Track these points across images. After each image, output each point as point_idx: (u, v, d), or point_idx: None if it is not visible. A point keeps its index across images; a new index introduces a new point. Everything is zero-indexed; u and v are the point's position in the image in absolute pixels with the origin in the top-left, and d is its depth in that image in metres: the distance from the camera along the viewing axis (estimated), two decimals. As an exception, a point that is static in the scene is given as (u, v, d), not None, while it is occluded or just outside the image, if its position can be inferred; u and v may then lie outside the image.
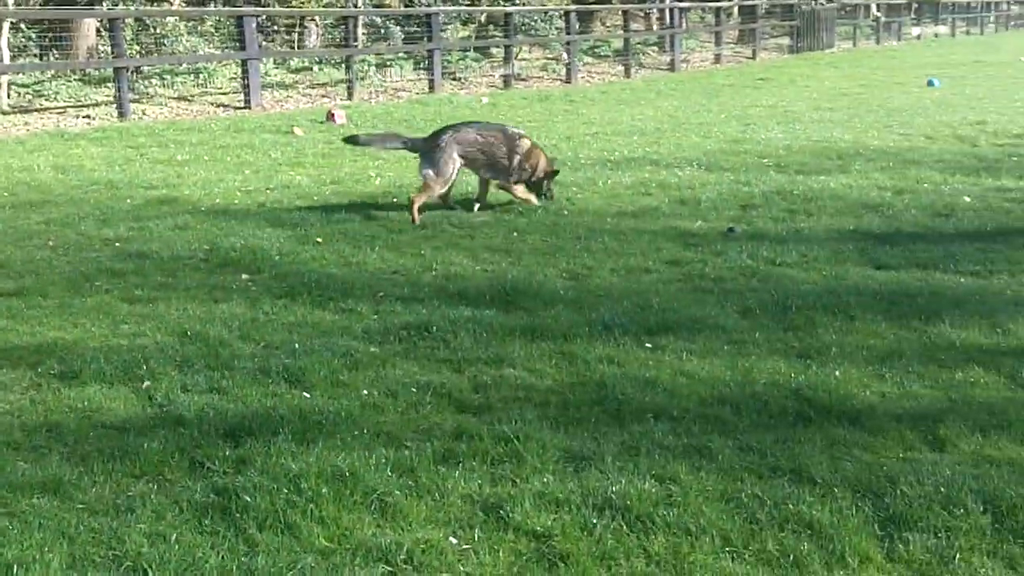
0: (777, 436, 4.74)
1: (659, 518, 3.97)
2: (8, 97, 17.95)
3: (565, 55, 26.87)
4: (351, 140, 10.36)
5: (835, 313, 6.53)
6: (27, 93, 18.71)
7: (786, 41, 37.72)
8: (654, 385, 5.34)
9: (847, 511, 4.02)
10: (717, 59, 32.72)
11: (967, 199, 10.26)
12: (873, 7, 45.74)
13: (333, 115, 17.30)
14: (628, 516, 3.99)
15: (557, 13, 28.81)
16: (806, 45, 37.08)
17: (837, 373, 5.51)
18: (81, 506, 4.07)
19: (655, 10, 34.96)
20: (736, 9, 37.66)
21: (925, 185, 11.04)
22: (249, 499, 4.05)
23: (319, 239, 8.64)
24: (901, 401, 5.18)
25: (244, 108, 18.99)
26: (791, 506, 4.07)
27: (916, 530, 3.89)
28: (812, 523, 3.95)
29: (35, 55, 20.15)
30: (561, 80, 26.02)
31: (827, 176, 11.65)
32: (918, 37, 47.35)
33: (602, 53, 30.83)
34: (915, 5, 51.42)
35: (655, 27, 34.66)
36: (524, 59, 27.76)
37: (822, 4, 38.74)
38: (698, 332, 6.21)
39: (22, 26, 19.78)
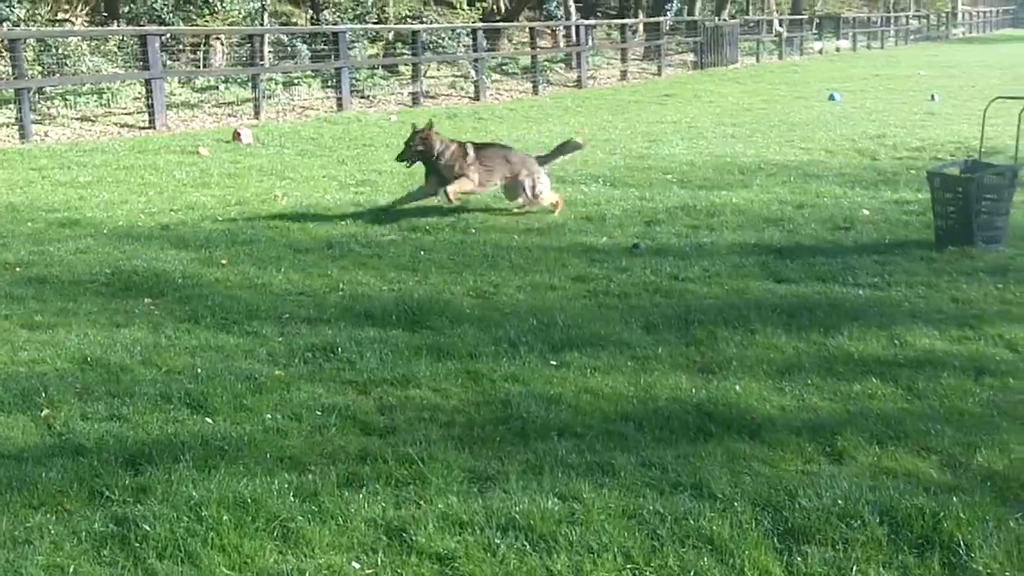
0: (679, 451, 4.81)
1: (562, 537, 4.00)
2: (-99, 118, 17.49)
3: (473, 72, 26.95)
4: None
5: (736, 327, 6.65)
6: (-78, 115, 18.26)
7: (691, 57, 38.27)
8: (558, 402, 5.39)
9: (747, 525, 4.09)
10: (623, 76, 33.08)
11: (866, 212, 10.51)
12: (776, 22, 46.69)
13: (239, 134, 17.13)
14: (531, 536, 4.02)
15: (464, 31, 28.92)
16: (710, 61, 37.68)
17: (738, 387, 5.61)
18: (-23, 540, 3.98)
19: (562, 27, 35.27)
20: (641, 26, 38.12)
21: (825, 199, 11.29)
22: (149, 528, 4.00)
23: (224, 261, 8.56)
24: (800, 414, 5.29)
25: (149, 128, 18.72)
26: (692, 521, 4.13)
27: (815, 543, 3.98)
28: (713, 538, 4.02)
29: (-69, 75, 19.67)
30: (470, 97, 26.09)
31: (729, 191, 11.85)
32: (820, 51, 48.38)
33: (510, 70, 30.99)
34: (816, 20, 52.60)
35: (562, 44, 34.93)
36: (432, 77, 27.78)
37: (725, 20, 39.43)
38: (602, 348, 6.27)
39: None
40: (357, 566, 3.83)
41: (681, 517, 4.17)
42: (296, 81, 24.67)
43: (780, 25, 46.45)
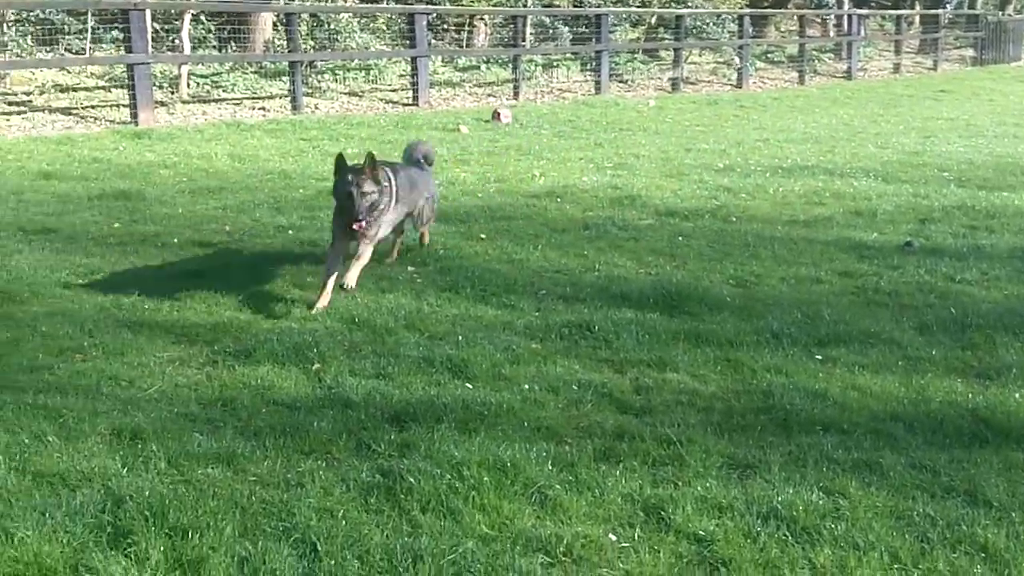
0: (951, 456, 4.57)
1: (826, 531, 3.87)
2: (188, 87, 18.67)
3: (737, 59, 26.51)
4: None
5: (1017, 333, 6.27)
6: (205, 84, 19.42)
7: (969, 52, 36.41)
8: (824, 397, 5.21)
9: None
10: (896, 69, 31.82)
11: None
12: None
13: (499, 114, 17.45)
14: (793, 527, 3.90)
15: (731, 17, 28.46)
16: (991, 57, 35.74)
17: (1017, 395, 5.28)
18: (253, 478, 4.20)
19: (832, 16, 34.19)
20: (917, 18, 36.52)
21: (1117, 206, 10.49)
22: (413, 481, 4.11)
23: (483, 235, 8.72)
24: (1087, 427, 4.93)
25: (412, 105, 19.33)
26: (964, 527, 3.92)
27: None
28: (987, 546, 3.80)
29: (214, 47, 20.90)
30: (731, 85, 25.70)
31: (1011, 192, 11.18)
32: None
33: (775, 59, 30.33)
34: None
35: (832, 34, 33.87)
36: (693, 63, 27.50)
37: (1010, 15, 37.26)
38: (871, 346, 6.04)
39: (202, 18, 20.52)
40: (614, 538, 3.81)
41: (953, 522, 3.96)
42: (555, 63, 24.93)
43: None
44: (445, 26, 25.15)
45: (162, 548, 3.61)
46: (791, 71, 28.31)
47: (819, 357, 5.84)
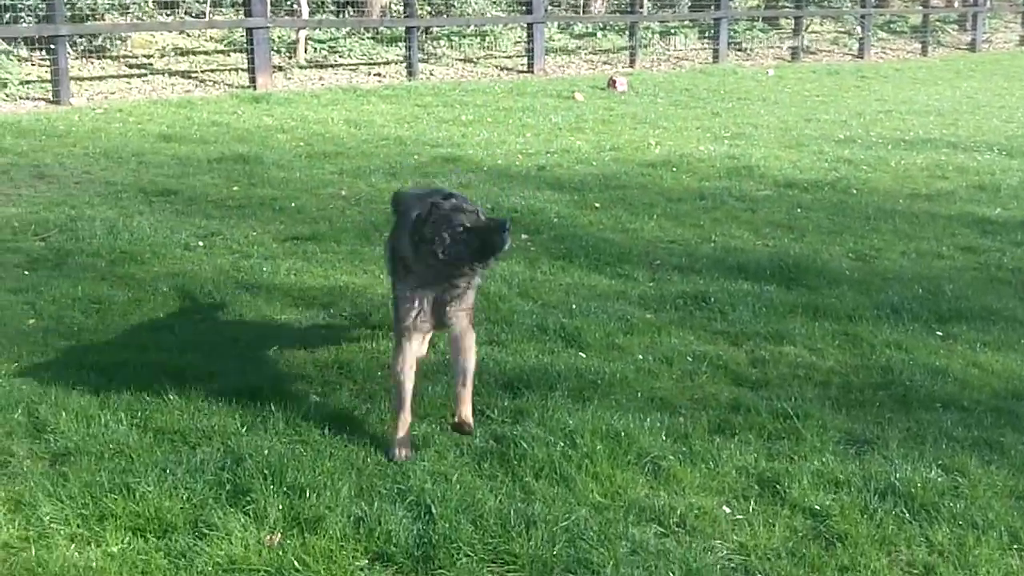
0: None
1: (944, 508, 3.79)
2: (305, 52, 18.91)
3: (859, 29, 25.85)
4: None
5: None
6: (323, 49, 19.65)
7: (1103, 22, 34.87)
8: (944, 374, 5.09)
9: None
10: (1022, 41, 30.66)
11: None
12: None
13: (615, 82, 17.32)
14: (911, 504, 3.83)
15: (852, -15, 27.74)
16: (1126, 27, 34.16)
17: None
18: (368, 440, 4.26)
19: (957, -15, 33.10)
20: (1048, -13, 35.12)
21: None
22: (526, 447, 4.13)
23: (597, 204, 8.69)
24: None
25: (527, 72, 19.30)
26: (1088, 509, 3.81)
27: None
28: (1111, 529, 3.68)
29: (332, 12, 21.11)
30: (852, 55, 25.08)
31: None
32: None
33: (897, 29, 29.49)
34: None
35: (956, 4, 32.80)
36: (814, 32, 26.88)
37: None
38: (993, 323, 5.88)
39: (323, -16, 20.74)
40: (728, 510, 3.79)
41: (1077, 506, 3.85)
42: (673, 31, 24.60)
43: None
44: (561, -7, 25.00)
45: (280, 506, 3.69)
46: (914, 42, 27.49)
47: (940, 333, 5.71)
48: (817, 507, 3.79)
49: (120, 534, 3.53)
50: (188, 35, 18.72)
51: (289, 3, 20.42)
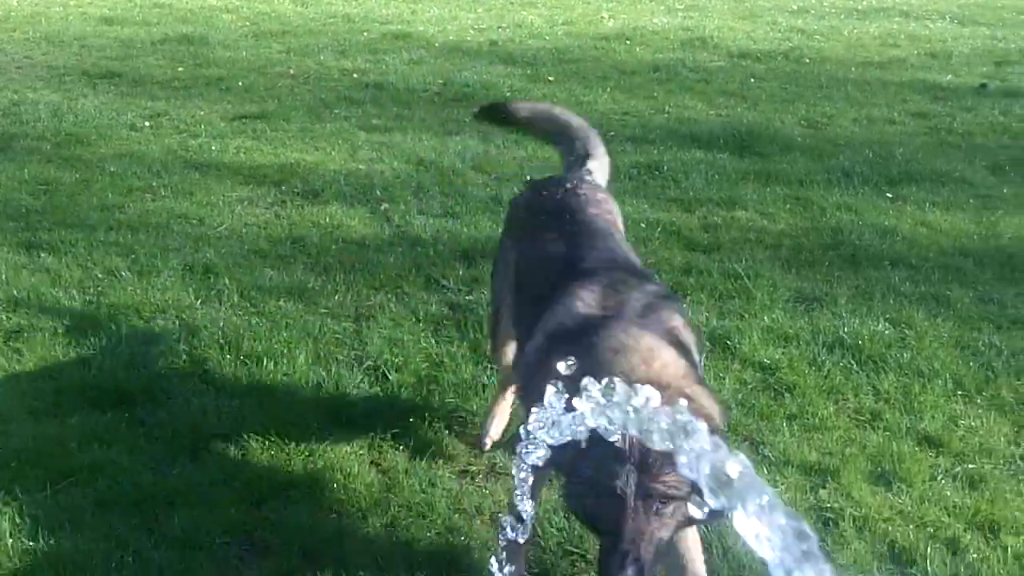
0: (1020, 289, 4.54)
1: (891, 359, 3.89)
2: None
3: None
4: None
5: (1093, 172, 6.14)
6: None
7: None
8: (893, 234, 5.17)
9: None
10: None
11: None
12: None
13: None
14: (859, 355, 3.92)
15: None
16: None
17: (1091, 233, 5.21)
18: (324, 311, 4.28)
19: None
20: None
21: None
22: (482, 314, 4.15)
23: (551, 78, 8.62)
24: None
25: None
26: (1030, 357, 3.92)
27: None
28: (1053, 376, 3.80)
29: None
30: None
31: (1095, 33, 10.79)
32: None
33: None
34: None
35: None
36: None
37: None
38: (942, 185, 5.96)
39: None
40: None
41: (1018, 351, 3.98)
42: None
43: None
44: None
45: (238, 375, 3.70)
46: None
47: (889, 195, 5.78)
48: (767, 360, 3.87)
49: (78, 406, 3.53)
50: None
51: None
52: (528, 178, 4.88)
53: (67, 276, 4.55)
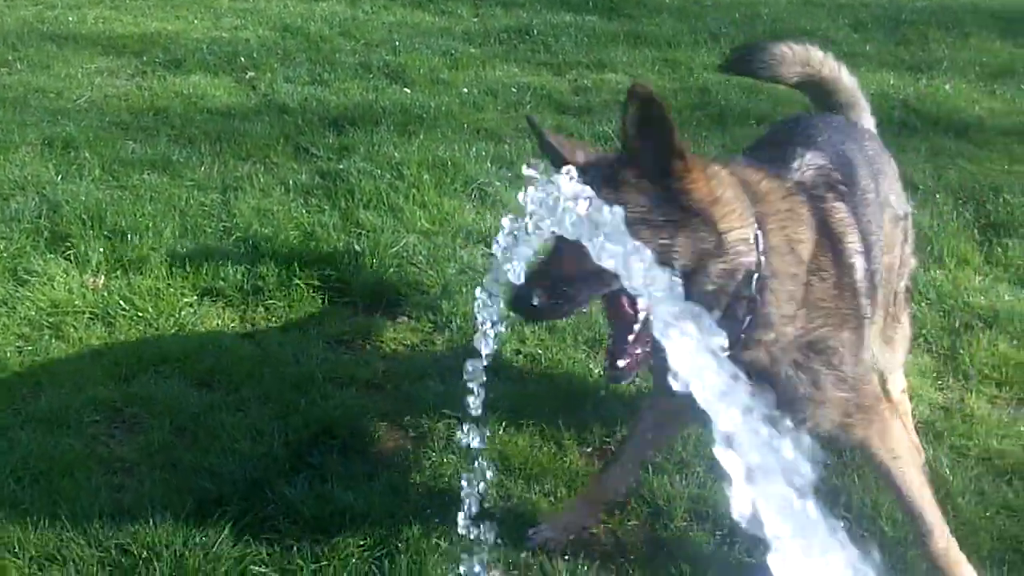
0: (883, 143, 4.66)
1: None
2: None
3: None
4: None
5: (949, 29, 6.30)
6: None
7: None
8: (758, 93, 5.23)
9: (948, 216, 3.99)
10: None
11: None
12: None
13: None
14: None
15: None
16: None
17: (947, 87, 5.36)
18: (190, 183, 4.18)
19: None
20: None
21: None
22: (354, 182, 4.11)
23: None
24: (1010, 117, 5.07)
25: None
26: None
27: (1016, 236, 3.86)
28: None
29: None
30: None
31: None
32: None
33: None
34: None
35: None
36: None
37: None
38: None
39: None
40: (552, 230, 3.89)
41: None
42: None
43: None
44: None
45: (101, 250, 3.61)
46: None
47: (757, 55, 5.85)
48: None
49: (-64, 287, 3.42)
50: None
51: None
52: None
53: (-86, 154, 4.35)
